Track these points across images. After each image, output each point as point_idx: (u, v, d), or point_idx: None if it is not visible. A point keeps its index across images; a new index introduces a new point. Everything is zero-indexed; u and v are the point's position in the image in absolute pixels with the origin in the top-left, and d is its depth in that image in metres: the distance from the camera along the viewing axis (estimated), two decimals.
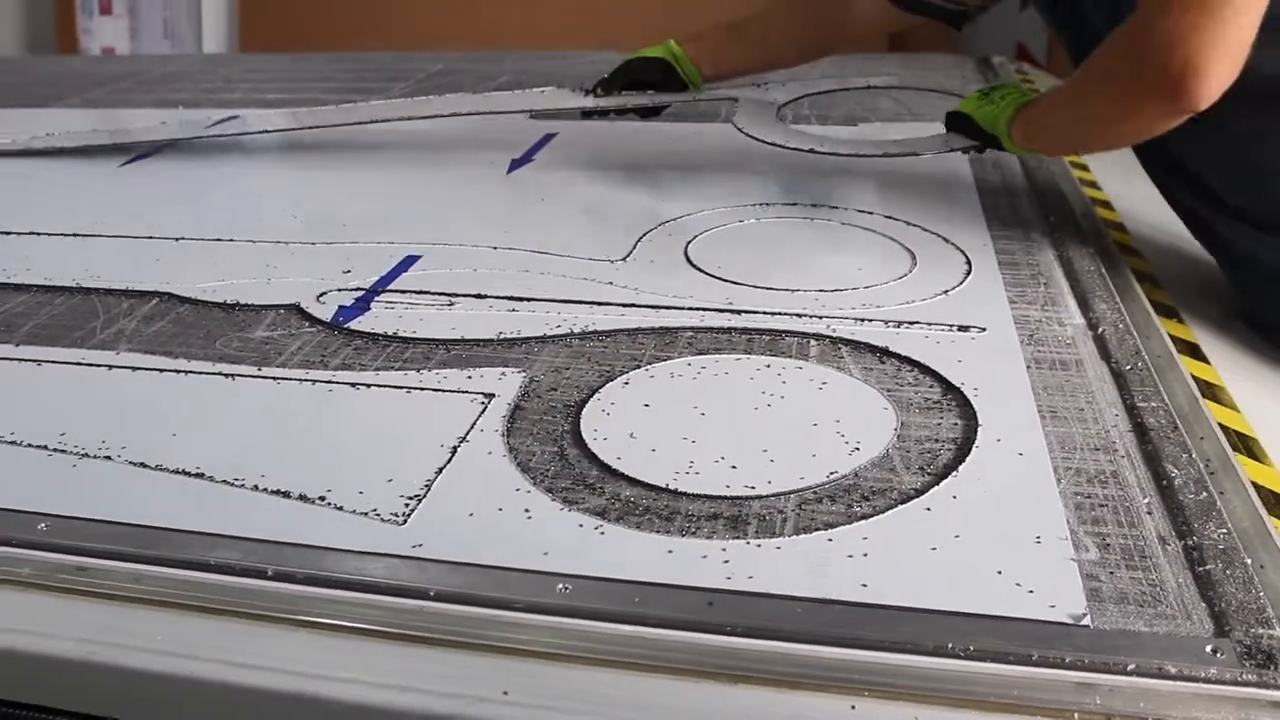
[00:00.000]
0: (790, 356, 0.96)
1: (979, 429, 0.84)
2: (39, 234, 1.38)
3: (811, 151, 1.36)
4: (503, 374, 0.95)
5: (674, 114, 1.65)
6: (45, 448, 0.88)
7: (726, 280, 1.12)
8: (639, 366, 0.96)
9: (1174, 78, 0.95)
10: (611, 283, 1.12)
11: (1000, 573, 0.69)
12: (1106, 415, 0.87)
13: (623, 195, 1.42)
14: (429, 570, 0.71)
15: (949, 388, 0.91)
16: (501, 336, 1.02)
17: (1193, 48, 0.94)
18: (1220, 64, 0.94)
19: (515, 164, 1.55)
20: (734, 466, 0.80)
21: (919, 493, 0.77)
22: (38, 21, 3.73)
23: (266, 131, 1.74)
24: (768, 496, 0.77)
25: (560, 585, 0.69)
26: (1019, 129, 1.20)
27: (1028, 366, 0.94)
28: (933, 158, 1.36)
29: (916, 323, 1.02)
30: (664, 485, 0.78)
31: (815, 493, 0.77)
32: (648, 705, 0.63)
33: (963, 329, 1.00)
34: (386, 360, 0.99)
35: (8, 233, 1.39)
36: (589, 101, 1.52)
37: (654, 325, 1.03)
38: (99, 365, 1.02)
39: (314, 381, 0.97)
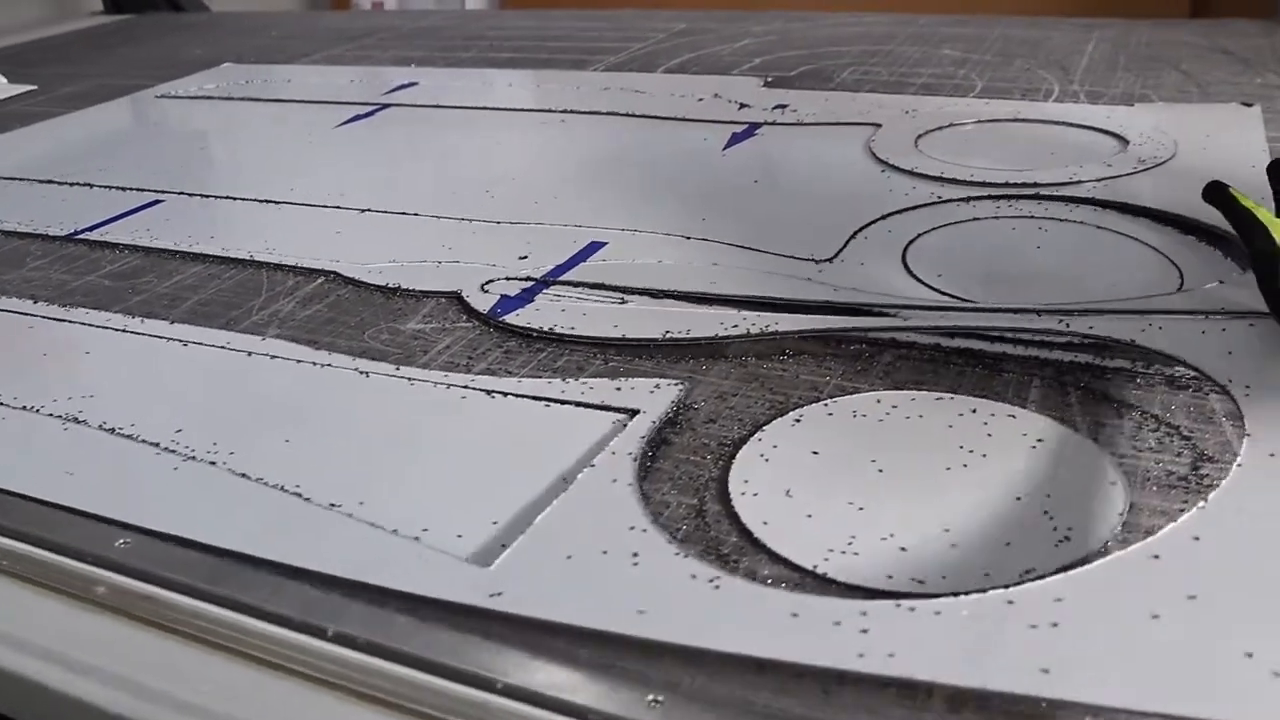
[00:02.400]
0: (1005, 399, 0.78)
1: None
2: (234, 199, 1.34)
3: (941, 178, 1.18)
4: (656, 387, 0.81)
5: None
6: (158, 445, 0.81)
7: (947, 294, 0.94)
8: (819, 398, 0.80)
9: None
10: (809, 278, 0.97)
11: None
12: None
13: (849, 178, 1.25)
14: (503, 656, 0.58)
15: (1202, 457, 0.71)
16: (668, 337, 0.88)
17: None
18: None
19: (736, 138, 1.40)
20: (903, 549, 0.64)
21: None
22: None
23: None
24: (939, 596, 0.60)
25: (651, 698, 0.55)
26: None
27: None
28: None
29: (1181, 363, 0.81)
30: (811, 567, 0.63)
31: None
32: None
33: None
34: (537, 366, 0.87)
35: (207, 196, 1.35)
36: None
37: (851, 337, 0.87)
38: (239, 351, 0.95)
39: (449, 386, 0.86)
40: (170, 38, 2.54)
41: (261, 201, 1.32)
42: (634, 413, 0.78)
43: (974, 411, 0.77)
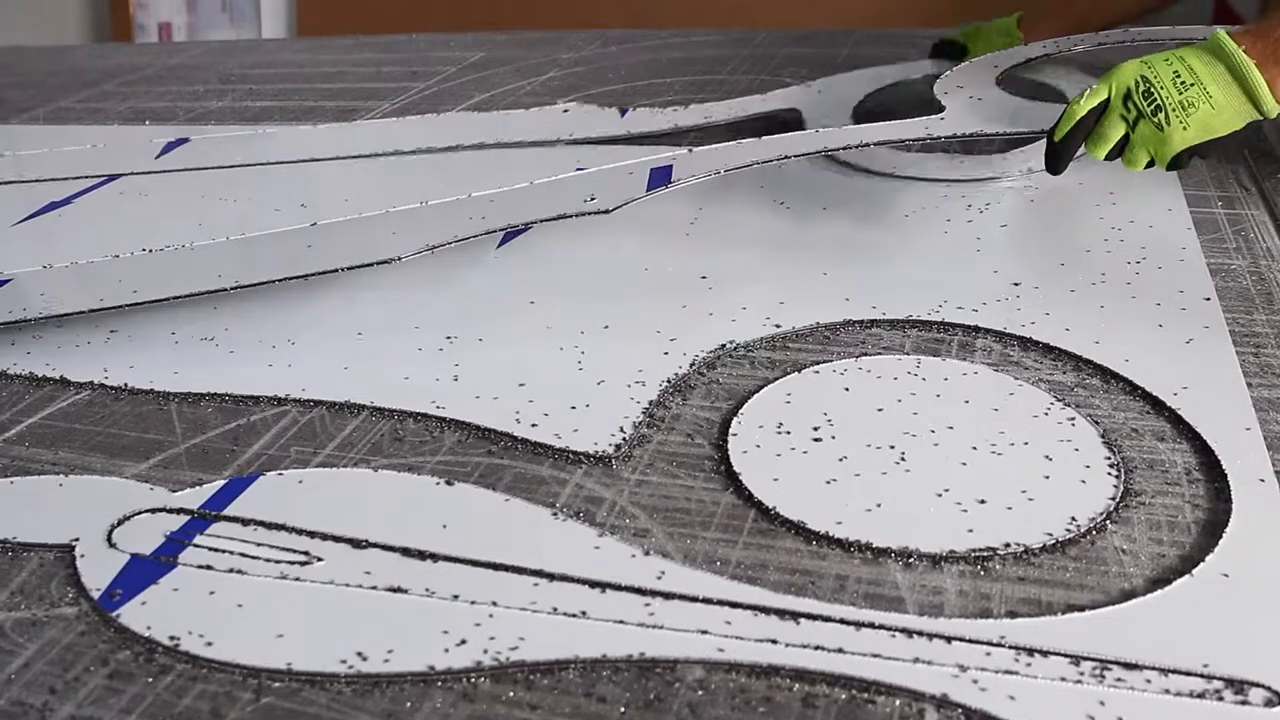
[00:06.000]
0: None
1: None
2: None
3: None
4: None
5: None
6: None
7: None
8: None
9: None
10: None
11: None
12: None
13: (642, 308, 0.93)
14: None
15: None
16: (353, 672, 0.56)
17: None
18: None
19: (512, 233, 1.07)
20: None
21: None
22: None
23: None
24: None
25: None
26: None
27: None
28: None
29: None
30: None
31: None
32: None
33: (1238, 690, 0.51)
34: (144, 715, 0.54)
35: None
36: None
37: (630, 656, 0.56)
38: None
39: None
40: None
41: None
42: None
43: None
